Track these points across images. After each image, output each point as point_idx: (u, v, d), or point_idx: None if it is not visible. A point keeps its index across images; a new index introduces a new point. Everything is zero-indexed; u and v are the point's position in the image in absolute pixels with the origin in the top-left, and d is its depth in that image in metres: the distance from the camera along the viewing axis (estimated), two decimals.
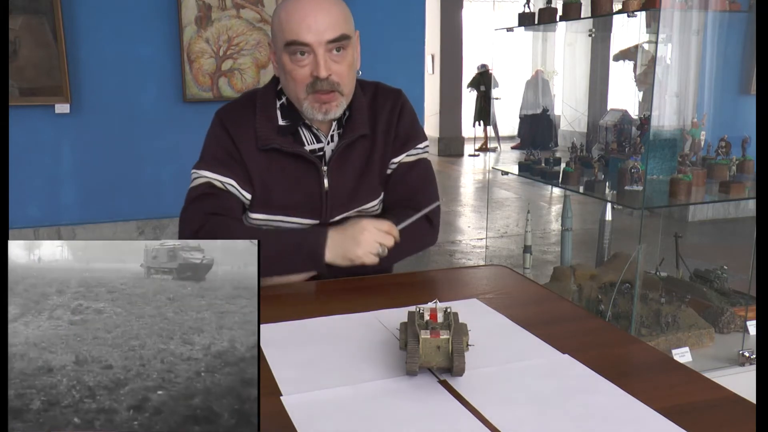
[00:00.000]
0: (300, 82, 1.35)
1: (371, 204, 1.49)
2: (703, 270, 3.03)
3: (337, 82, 1.35)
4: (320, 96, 1.34)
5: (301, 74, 1.34)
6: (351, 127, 1.43)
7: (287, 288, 1.36)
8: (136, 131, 3.83)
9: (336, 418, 0.85)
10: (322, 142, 1.45)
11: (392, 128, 1.48)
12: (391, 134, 1.48)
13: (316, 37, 1.31)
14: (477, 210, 6.41)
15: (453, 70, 10.33)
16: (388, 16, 4.06)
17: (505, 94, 8.70)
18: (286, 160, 1.42)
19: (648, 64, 3.38)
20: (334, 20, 1.32)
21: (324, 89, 1.34)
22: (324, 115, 1.37)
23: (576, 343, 1.06)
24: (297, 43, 1.31)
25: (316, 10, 1.31)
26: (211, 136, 1.46)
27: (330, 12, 1.32)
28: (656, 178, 2.62)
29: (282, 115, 1.44)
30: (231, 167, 1.41)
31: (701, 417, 0.86)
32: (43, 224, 3.77)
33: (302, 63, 1.33)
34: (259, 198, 1.43)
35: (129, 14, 3.68)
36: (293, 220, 1.44)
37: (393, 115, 1.48)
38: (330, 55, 1.33)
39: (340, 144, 1.43)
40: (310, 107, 1.36)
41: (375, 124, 1.47)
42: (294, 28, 1.31)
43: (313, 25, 1.30)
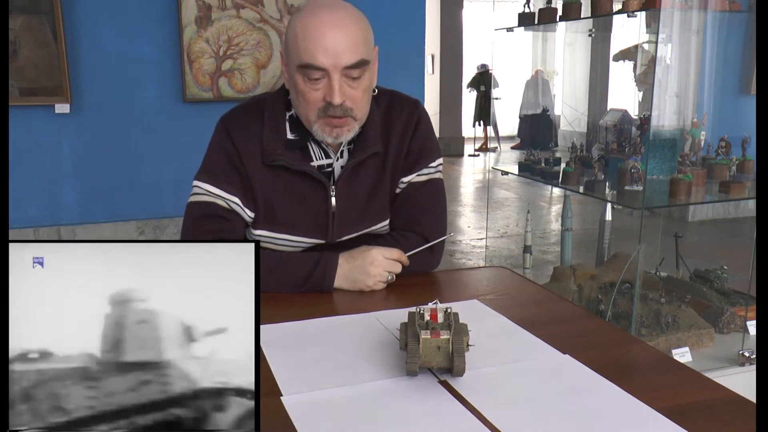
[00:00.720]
0: (312, 105, 1.27)
1: (380, 225, 1.43)
2: (703, 270, 3.03)
3: (351, 108, 1.27)
4: (332, 120, 1.28)
5: (314, 97, 1.26)
6: (363, 145, 1.36)
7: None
8: (136, 131, 3.82)
9: (336, 418, 0.85)
10: (331, 158, 1.38)
11: (405, 144, 1.40)
12: (404, 150, 1.40)
13: (333, 61, 1.22)
14: (477, 210, 6.41)
15: (453, 70, 10.33)
16: (388, 16, 4.06)
17: (505, 94, 8.71)
18: (293, 177, 1.35)
19: (648, 64, 3.38)
20: (353, 43, 1.23)
21: (336, 115, 1.27)
22: (334, 138, 1.31)
23: (576, 344, 1.06)
24: (312, 67, 1.23)
25: (335, 30, 1.21)
26: (216, 146, 1.39)
27: (349, 33, 1.23)
28: (656, 178, 2.62)
29: (291, 128, 1.36)
30: (235, 183, 1.35)
31: (701, 417, 0.86)
32: (43, 224, 3.77)
33: (316, 86, 1.25)
34: (262, 215, 1.37)
35: (129, 14, 3.68)
36: (298, 240, 1.38)
37: (407, 129, 1.41)
38: (346, 80, 1.25)
39: (350, 162, 1.36)
40: (320, 130, 1.30)
41: (388, 140, 1.39)
42: (310, 49, 1.22)
43: (330, 48, 1.21)
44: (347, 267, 1.31)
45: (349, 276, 1.31)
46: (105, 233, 3.84)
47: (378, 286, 1.32)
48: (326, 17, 1.23)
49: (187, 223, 1.37)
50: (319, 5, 1.25)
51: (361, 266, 1.31)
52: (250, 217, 1.38)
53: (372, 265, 1.31)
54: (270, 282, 1.30)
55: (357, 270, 1.31)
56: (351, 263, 1.32)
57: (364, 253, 1.33)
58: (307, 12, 1.25)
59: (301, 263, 1.32)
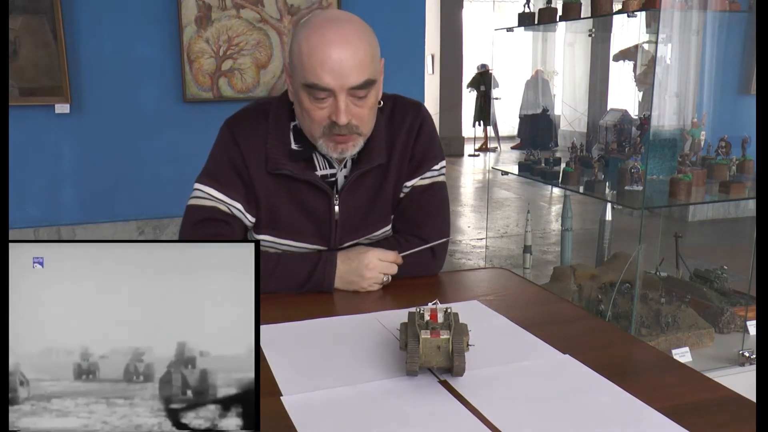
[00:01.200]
0: (317, 123, 1.26)
1: (382, 231, 1.44)
2: (703, 270, 3.03)
3: (357, 125, 1.26)
4: (337, 137, 1.26)
5: (319, 116, 1.25)
6: (368, 157, 1.35)
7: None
8: (136, 131, 3.82)
9: (336, 418, 0.85)
10: (335, 168, 1.37)
11: (408, 149, 1.40)
12: (407, 155, 1.40)
13: (339, 82, 1.20)
14: (477, 210, 6.41)
15: (453, 70, 10.34)
16: (388, 16, 4.06)
17: (505, 94, 8.72)
18: (297, 185, 1.35)
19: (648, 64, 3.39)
20: (360, 62, 1.20)
21: (342, 133, 1.25)
22: (339, 154, 1.29)
23: (576, 344, 1.06)
24: (317, 87, 1.21)
25: (341, 50, 1.18)
26: (220, 149, 1.38)
27: (356, 52, 1.20)
28: (656, 178, 2.62)
29: (295, 138, 1.35)
30: (238, 188, 1.35)
31: (702, 416, 0.86)
32: (43, 224, 3.77)
33: (321, 105, 1.23)
34: (265, 220, 1.38)
35: (129, 14, 3.68)
36: (301, 245, 1.39)
37: (410, 134, 1.40)
38: (352, 100, 1.23)
39: (354, 172, 1.36)
40: (325, 146, 1.28)
41: (392, 148, 1.38)
42: (316, 69, 1.19)
43: (337, 69, 1.19)
44: (343, 268, 1.32)
45: (344, 277, 1.32)
46: (105, 233, 3.84)
47: (373, 287, 1.33)
48: (332, 35, 1.19)
49: (187, 225, 1.37)
50: (325, 19, 1.23)
51: (357, 269, 1.32)
52: (251, 222, 1.39)
53: (367, 268, 1.31)
54: (269, 283, 1.30)
55: (353, 272, 1.32)
56: (347, 265, 1.32)
57: (360, 255, 1.33)
58: (312, 27, 1.21)
59: (301, 264, 1.32)
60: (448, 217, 1.47)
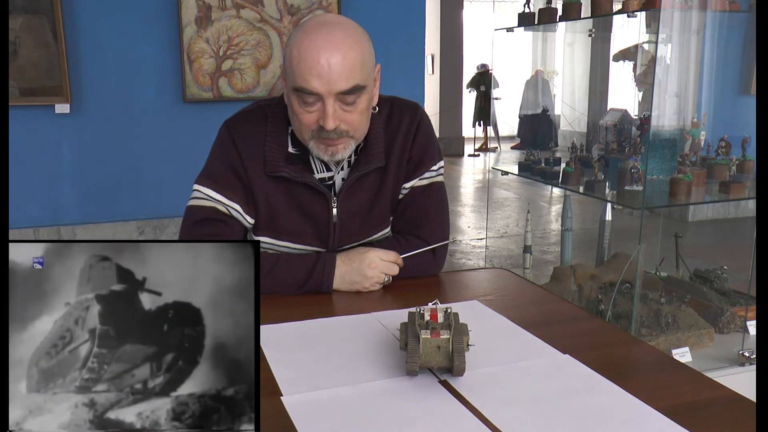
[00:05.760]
0: (306, 127, 1.26)
1: (381, 233, 1.44)
2: (703, 270, 3.03)
3: (346, 130, 1.26)
4: (326, 140, 1.27)
5: (308, 119, 1.25)
6: (366, 160, 1.35)
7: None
8: (136, 131, 3.82)
9: (336, 418, 0.85)
10: (333, 172, 1.37)
11: (406, 151, 1.40)
12: (405, 156, 1.40)
13: (326, 87, 1.20)
14: (477, 210, 6.41)
15: (453, 70, 10.34)
16: (388, 16, 4.06)
17: (505, 94, 8.71)
18: (295, 187, 1.35)
19: (648, 64, 3.38)
20: (349, 68, 1.20)
21: (330, 137, 1.26)
22: (330, 156, 1.29)
23: (576, 343, 1.06)
24: (305, 91, 1.21)
25: (330, 55, 1.18)
26: (219, 150, 1.38)
27: (346, 57, 1.19)
28: (656, 178, 2.62)
29: (292, 142, 1.35)
30: (237, 189, 1.35)
31: (702, 416, 0.86)
32: (43, 224, 3.77)
33: (310, 109, 1.24)
34: (264, 222, 1.38)
35: (129, 14, 3.68)
36: (300, 247, 1.39)
37: (408, 136, 1.39)
38: (341, 105, 1.23)
39: (352, 175, 1.35)
40: (316, 148, 1.29)
41: (390, 150, 1.38)
42: (304, 73, 1.20)
43: (325, 74, 1.19)
44: (344, 269, 1.32)
45: (345, 278, 1.32)
46: (105, 233, 3.84)
47: (374, 287, 1.33)
48: (322, 41, 1.19)
49: (186, 225, 1.37)
50: (318, 24, 1.23)
51: (358, 269, 1.32)
52: (250, 223, 1.39)
53: (369, 268, 1.32)
54: (268, 284, 1.30)
55: (354, 272, 1.32)
56: (348, 265, 1.32)
57: (361, 255, 1.33)
58: (305, 32, 1.22)
59: (300, 265, 1.33)
60: (447, 216, 1.47)
